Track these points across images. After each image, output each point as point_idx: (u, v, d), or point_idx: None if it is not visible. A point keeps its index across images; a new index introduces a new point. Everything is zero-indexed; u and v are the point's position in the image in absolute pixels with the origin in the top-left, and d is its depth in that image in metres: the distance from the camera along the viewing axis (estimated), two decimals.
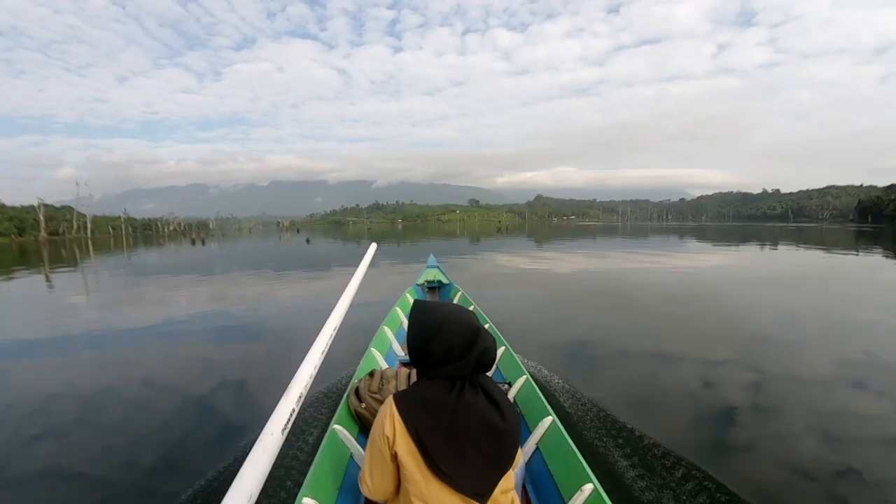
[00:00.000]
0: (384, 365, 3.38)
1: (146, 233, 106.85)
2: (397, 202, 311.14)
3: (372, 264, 2.77)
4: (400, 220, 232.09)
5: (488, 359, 1.37)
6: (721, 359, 4.98)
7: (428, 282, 6.92)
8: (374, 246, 3.13)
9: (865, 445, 3.15)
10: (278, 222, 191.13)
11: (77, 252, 31.33)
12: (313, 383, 1.42)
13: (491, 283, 11.11)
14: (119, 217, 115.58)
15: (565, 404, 3.53)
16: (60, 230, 79.14)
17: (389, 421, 1.30)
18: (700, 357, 5.02)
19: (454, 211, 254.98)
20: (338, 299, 1.95)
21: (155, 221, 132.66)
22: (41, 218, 72.96)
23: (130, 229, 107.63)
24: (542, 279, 12.10)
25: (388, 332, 4.06)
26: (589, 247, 25.22)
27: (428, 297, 6.42)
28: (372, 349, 3.47)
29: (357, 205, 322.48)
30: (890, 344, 5.56)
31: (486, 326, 3.30)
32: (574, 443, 2.00)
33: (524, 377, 2.81)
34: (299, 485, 1.71)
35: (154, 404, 4.02)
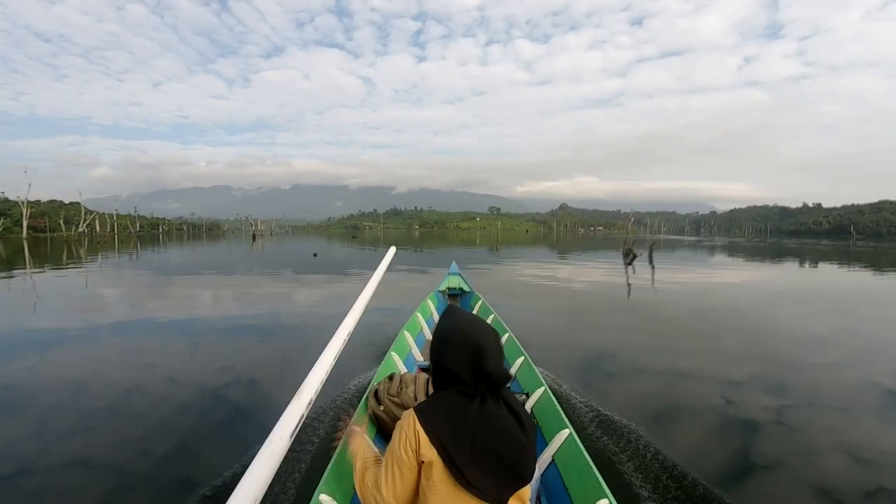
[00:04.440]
0: (403, 369, 3.39)
1: (153, 232, 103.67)
2: (416, 208, 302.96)
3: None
4: (417, 226, 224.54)
5: (496, 380, 1.36)
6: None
7: (449, 289, 6.82)
8: (392, 249, 3.19)
9: None
10: (251, 223, 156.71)
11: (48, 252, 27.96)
12: (333, 385, 1.44)
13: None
14: (128, 215, 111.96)
15: (583, 417, 3.42)
16: (51, 227, 73.91)
17: (413, 433, 1.32)
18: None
19: (474, 218, 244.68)
20: (352, 305, 1.89)
21: (161, 221, 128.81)
22: (24, 213, 67.14)
23: (138, 227, 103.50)
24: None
25: (409, 336, 4.06)
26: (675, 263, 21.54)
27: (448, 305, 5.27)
28: (392, 353, 3.50)
29: (375, 210, 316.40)
30: None
31: (506, 336, 4.05)
32: (590, 457, 1.97)
33: (542, 388, 2.79)
34: (316, 483, 1.73)
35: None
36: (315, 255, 24.92)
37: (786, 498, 2.66)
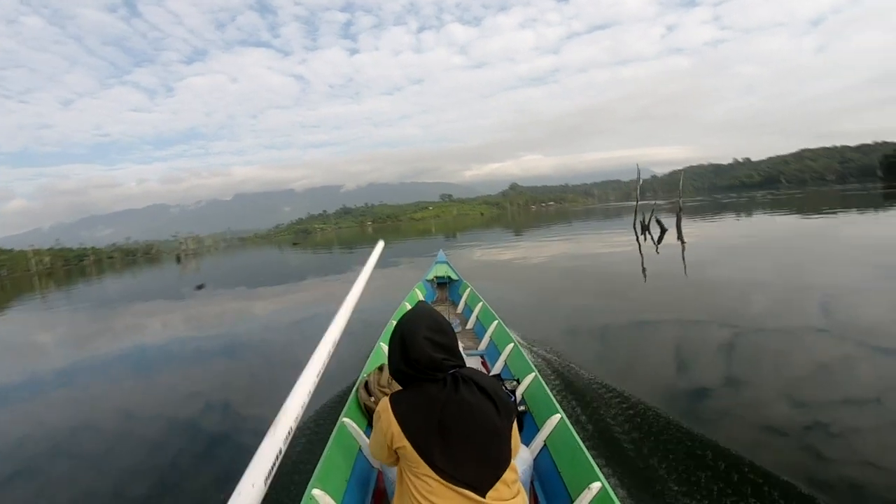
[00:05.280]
0: None
1: (81, 264, 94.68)
2: (367, 204, 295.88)
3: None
4: (370, 222, 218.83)
5: (425, 365, 1.39)
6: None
7: (437, 277, 6.84)
8: (381, 244, 3.06)
9: None
10: (180, 242, 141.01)
11: None
12: (321, 377, 1.38)
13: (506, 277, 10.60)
14: (31, 251, 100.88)
15: (574, 400, 3.49)
16: None
17: (386, 421, 1.39)
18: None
19: (427, 208, 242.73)
20: (339, 307, 1.85)
21: (86, 251, 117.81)
22: None
23: (61, 262, 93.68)
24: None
25: None
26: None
27: (436, 293, 6.58)
28: (381, 344, 3.52)
29: (324, 211, 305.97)
30: None
31: (495, 324, 4.00)
32: (582, 440, 1.99)
33: (532, 374, 2.78)
34: (308, 477, 1.72)
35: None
36: (200, 286, 18.20)
37: (787, 469, 2.58)
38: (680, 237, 15.47)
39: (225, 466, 3.30)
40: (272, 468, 1.00)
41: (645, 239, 15.69)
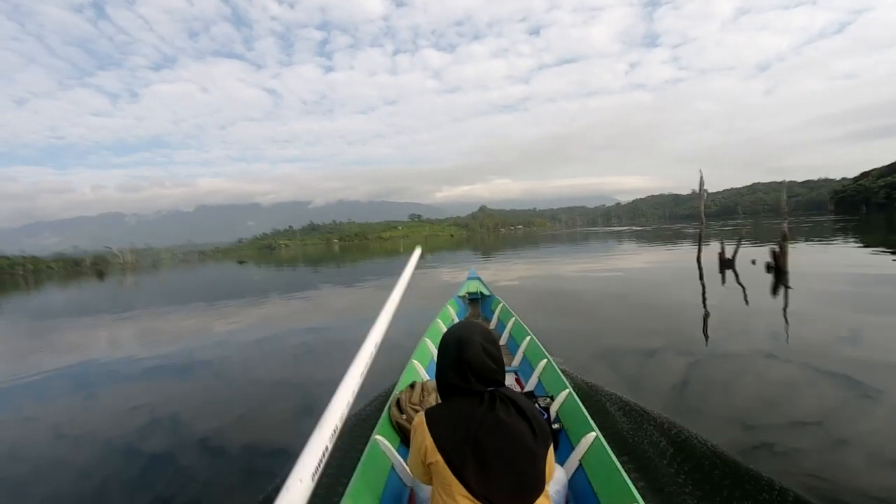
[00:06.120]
0: (425, 377, 3.35)
1: (12, 272, 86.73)
2: (334, 221, 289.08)
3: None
4: (336, 240, 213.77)
5: (475, 368, 1.37)
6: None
7: (469, 293, 6.71)
8: (418, 250, 3.00)
9: None
10: (117, 254, 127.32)
11: None
12: (356, 401, 1.31)
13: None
14: None
15: (614, 418, 3.31)
16: None
17: (421, 437, 1.35)
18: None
19: (396, 227, 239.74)
20: (378, 314, 1.79)
21: (22, 260, 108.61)
22: None
23: None
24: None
25: (430, 344, 3.99)
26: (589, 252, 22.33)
27: (469, 310, 6.43)
28: (413, 361, 3.48)
29: (290, 226, 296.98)
30: None
31: (527, 339, 3.92)
32: (619, 460, 1.92)
33: (566, 391, 2.72)
34: (340, 494, 1.70)
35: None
36: None
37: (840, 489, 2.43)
38: (783, 280, 9.52)
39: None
40: (319, 465, 1.01)
41: (724, 280, 10.22)
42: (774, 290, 8.45)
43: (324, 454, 1.05)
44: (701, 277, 10.71)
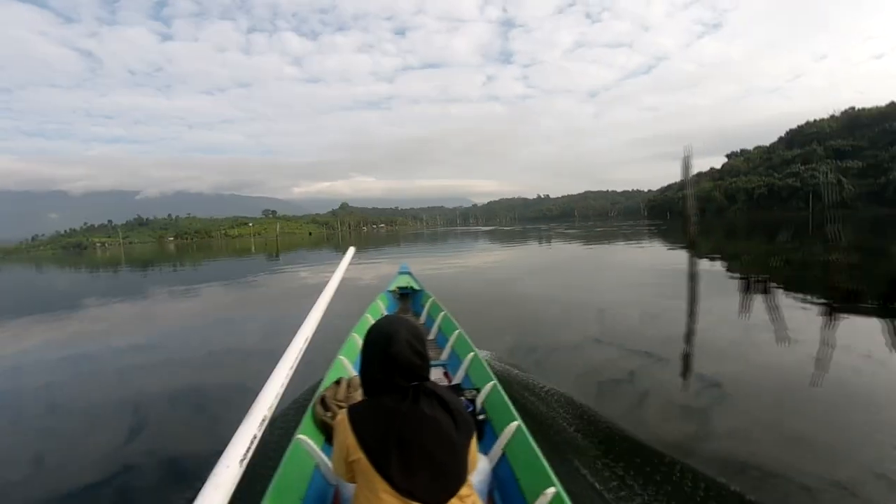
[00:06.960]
0: (353, 373, 3.32)
1: None
2: (170, 216, 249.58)
3: None
4: (172, 237, 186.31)
5: (402, 364, 1.37)
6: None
7: (399, 288, 6.67)
8: (352, 250, 3.12)
9: None
10: None
11: None
12: (280, 400, 1.32)
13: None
14: None
15: (536, 406, 3.56)
16: None
17: (343, 434, 1.35)
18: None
19: (247, 224, 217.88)
20: (310, 309, 1.82)
21: None
22: None
23: None
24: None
25: (358, 339, 4.00)
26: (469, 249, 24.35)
27: (398, 304, 6.46)
28: (341, 357, 3.47)
29: (110, 221, 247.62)
30: None
31: (456, 333, 3.99)
32: (539, 446, 2.00)
33: (492, 383, 2.78)
34: (260, 496, 1.66)
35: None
36: None
37: (734, 459, 2.94)
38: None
39: None
40: (247, 452, 1.06)
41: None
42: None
43: (252, 442, 1.08)
44: (695, 283, 12.61)
